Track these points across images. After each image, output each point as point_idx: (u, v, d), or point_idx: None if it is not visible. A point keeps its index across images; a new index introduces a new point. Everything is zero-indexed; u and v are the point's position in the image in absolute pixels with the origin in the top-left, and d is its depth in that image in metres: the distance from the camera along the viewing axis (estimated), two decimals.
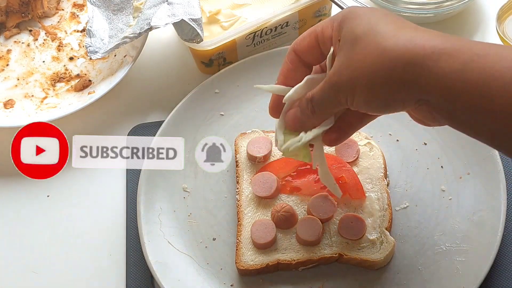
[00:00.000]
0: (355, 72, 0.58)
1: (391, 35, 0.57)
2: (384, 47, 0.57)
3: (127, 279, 0.79)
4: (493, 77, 0.53)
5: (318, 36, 0.65)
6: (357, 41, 0.59)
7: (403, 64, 0.56)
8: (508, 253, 0.76)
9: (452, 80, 0.54)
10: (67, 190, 0.88)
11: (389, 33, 0.57)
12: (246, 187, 0.81)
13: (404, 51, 0.56)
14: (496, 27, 0.90)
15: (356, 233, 0.76)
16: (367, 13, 0.61)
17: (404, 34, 0.57)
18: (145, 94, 0.95)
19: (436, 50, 0.55)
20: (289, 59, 0.68)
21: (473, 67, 0.54)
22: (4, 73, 0.97)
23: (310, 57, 0.67)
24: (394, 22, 0.59)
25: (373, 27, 0.58)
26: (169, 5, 0.87)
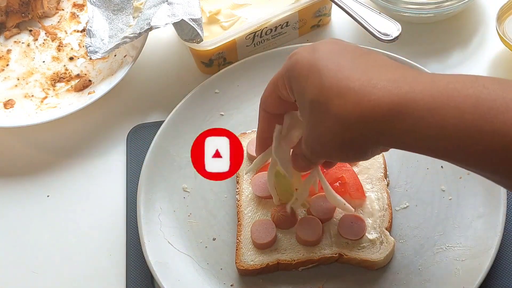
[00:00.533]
0: (324, 145, 0.60)
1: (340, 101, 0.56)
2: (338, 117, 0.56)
3: (127, 279, 0.79)
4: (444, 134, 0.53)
5: (278, 94, 0.66)
6: (312, 110, 0.59)
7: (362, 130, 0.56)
8: (508, 253, 0.76)
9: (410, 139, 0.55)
10: (67, 190, 0.88)
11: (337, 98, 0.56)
12: (246, 187, 0.81)
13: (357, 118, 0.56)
14: (496, 27, 0.90)
15: (356, 233, 0.76)
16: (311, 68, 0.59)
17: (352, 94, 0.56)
18: (145, 94, 0.95)
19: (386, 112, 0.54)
20: (262, 118, 0.71)
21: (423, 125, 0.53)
22: (4, 73, 0.97)
23: (280, 110, 0.69)
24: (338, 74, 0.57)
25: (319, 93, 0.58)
26: (169, 5, 0.87)
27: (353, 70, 0.57)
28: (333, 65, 0.58)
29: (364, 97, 0.55)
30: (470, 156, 0.53)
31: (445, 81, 0.54)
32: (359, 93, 0.55)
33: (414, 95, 0.54)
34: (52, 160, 0.90)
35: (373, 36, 0.86)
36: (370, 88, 0.55)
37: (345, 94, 0.56)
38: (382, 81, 0.56)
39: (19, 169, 0.90)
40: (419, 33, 0.95)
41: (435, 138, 0.53)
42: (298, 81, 0.60)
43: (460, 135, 0.52)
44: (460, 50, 0.95)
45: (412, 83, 0.55)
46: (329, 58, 0.59)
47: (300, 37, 0.96)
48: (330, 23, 0.98)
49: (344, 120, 0.56)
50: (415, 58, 0.89)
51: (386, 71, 0.57)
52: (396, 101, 0.54)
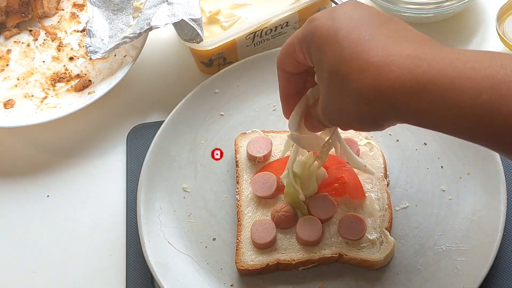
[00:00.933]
0: (342, 114, 0.59)
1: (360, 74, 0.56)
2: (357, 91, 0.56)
3: (127, 279, 0.79)
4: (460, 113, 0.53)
5: (295, 57, 0.65)
6: (331, 81, 0.59)
7: (381, 106, 0.56)
8: (508, 253, 0.76)
9: (426, 119, 0.55)
10: (67, 190, 0.88)
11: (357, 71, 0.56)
12: (246, 187, 0.81)
13: (375, 94, 0.55)
14: (496, 27, 0.90)
15: (356, 233, 0.76)
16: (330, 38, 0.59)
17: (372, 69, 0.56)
18: (145, 94, 0.95)
19: (406, 90, 0.54)
20: (281, 76, 0.70)
21: (441, 105, 0.53)
22: (4, 73, 0.97)
23: (298, 70, 0.68)
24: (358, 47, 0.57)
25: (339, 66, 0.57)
26: (169, 5, 0.87)
27: (373, 43, 0.57)
28: (353, 36, 0.58)
29: (382, 74, 0.55)
30: (486, 136, 0.54)
31: (463, 59, 0.54)
32: (378, 69, 0.55)
33: (432, 75, 0.54)
34: (52, 160, 0.90)
35: None
36: (389, 64, 0.55)
37: (364, 69, 0.56)
38: (401, 57, 0.55)
39: (19, 169, 0.90)
40: None
41: (451, 118, 0.54)
42: (317, 50, 0.60)
43: (476, 116, 0.52)
44: None
45: (431, 61, 0.54)
46: (349, 28, 0.58)
47: None
48: None
49: (363, 95, 0.56)
50: None
51: (406, 45, 0.57)
52: (414, 80, 0.54)
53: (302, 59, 0.64)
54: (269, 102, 0.89)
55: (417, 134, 0.84)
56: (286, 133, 0.84)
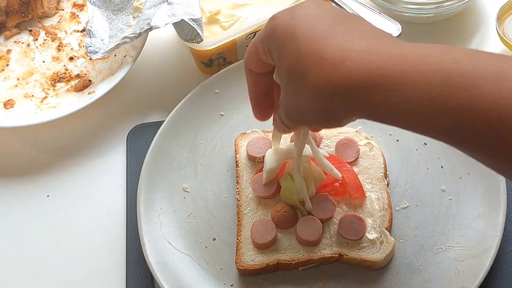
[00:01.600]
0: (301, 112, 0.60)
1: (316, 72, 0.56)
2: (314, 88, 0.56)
3: (127, 279, 0.79)
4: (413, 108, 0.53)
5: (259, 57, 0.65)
6: (290, 79, 0.59)
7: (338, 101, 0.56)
8: (508, 253, 0.76)
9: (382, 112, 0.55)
10: (67, 190, 0.88)
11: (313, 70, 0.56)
12: (246, 187, 0.81)
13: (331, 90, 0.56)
14: (496, 27, 0.90)
15: (356, 233, 0.76)
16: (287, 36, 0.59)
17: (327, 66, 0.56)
18: (145, 94, 0.95)
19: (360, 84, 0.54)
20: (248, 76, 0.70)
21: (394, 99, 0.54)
22: (4, 73, 0.97)
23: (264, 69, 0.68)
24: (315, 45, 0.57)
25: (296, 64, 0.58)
26: (169, 5, 0.87)
27: (330, 40, 0.57)
28: (311, 33, 0.58)
29: (337, 69, 0.55)
30: (439, 131, 0.54)
31: (417, 54, 0.54)
32: (333, 65, 0.56)
33: (385, 70, 0.54)
34: (52, 160, 0.90)
35: None
36: (344, 60, 0.55)
37: (320, 65, 0.56)
38: (356, 52, 0.55)
39: (19, 169, 0.90)
40: (419, 33, 0.95)
41: (405, 112, 0.54)
42: (276, 48, 0.60)
43: (429, 110, 0.52)
44: None
45: (384, 56, 0.55)
46: (307, 25, 0.59)
47: None
48: None
49: (320, 91, 0.56)
50: None
51: (362, 41, 0.57)
52: (368, 75, 0.54)
53: (264, 58, 0.64)
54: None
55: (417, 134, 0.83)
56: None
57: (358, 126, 0.83)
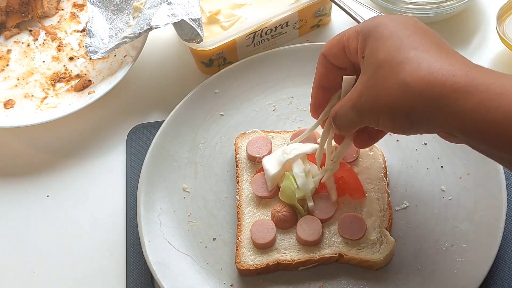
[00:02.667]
0: (378, 101, 0.60)
1: (413, 66, 0.58)
2: (405, 81, 0.58)
3: (127, 279, 0.79)
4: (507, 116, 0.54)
5: (345, 45, 0.66)
6: (380, 69, 0.60)
7: (423, 101, 0.57)
8: (508, 253, 0.76)
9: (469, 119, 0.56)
10: (67, 190, 0.88)
11: (411, 64, 0.58)
12: (246, 187, 0.81)
13: (424, 87, 0.57)
14: (496, 27, 0.90)
15: (356, 233, 0.76)
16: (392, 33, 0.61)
17: (426, 64, 0.58)
18: (145, 94, 0.95)
19: (456, 88, 0.56)
20: (321, 64, 0.70)
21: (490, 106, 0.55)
22: (4, 73, 0.97)
23: (340, 62, 0.69)
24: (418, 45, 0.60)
25: (395, 54, 0.59)
26: (169, 5, 0.87)
27: (434, 47, 0.59)
28: (415, 36, 0.60)
29: (438, 70, 0.57)
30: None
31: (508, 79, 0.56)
32: (435, 66, 0.57)
33: (487, 79, 0.56)
34: (52, 160, 0.90)
35: None
36: (447, 65, 0.57)
37: (421, 62, 0.58)
38: (459, 62, 0.58)
39: (19, 169, 0.90)
40: None
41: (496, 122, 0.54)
42: (375, 40, 0.62)
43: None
44: (460, 50, 0.93)
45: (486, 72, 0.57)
46: (412, 32, 0.61)
47: (300, 37, 0.96)
48: (330, 23, 0.98)
49: (411, 86, 0.57)
50: None
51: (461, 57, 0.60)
52: (468, 81, 0.56)
53: (353, 46, 0.65)
54: (269, 102, 0.89)
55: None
56: (286, 133, 0.84)
57: None
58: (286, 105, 0.88)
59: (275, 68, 0.90)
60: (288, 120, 0.87)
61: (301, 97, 0.88)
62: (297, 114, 0.87)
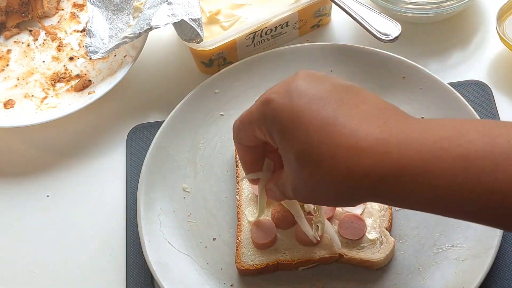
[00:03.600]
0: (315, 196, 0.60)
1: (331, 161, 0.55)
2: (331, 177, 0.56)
3: (127, 279, 0.79)
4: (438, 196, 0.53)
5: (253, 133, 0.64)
6: (301, 164, 0.57)
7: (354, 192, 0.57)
8: (508, 253, 0.76)
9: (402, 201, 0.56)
10: (67, 190, 0.88)
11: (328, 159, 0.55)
12: (246, 187, 0.81)
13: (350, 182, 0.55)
14: (496, 27, 0.90)
15: (356, 233, 0.76)
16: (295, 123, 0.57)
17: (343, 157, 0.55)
18: (145, 94, 0.95)
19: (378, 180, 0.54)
20: (239, 148, 0.69)
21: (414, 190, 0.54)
22: (4, 73, 0.97)
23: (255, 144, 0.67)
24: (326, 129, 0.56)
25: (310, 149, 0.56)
26: (169, 5, 0.87)
27: (339, 127, 0.56)
28: (318, 118, 0.56)
29: (355, 162, 0.54)
30: (466, 215, 0.54)
31: (432, 139, 0.53)
32: (349, 157, 0.55)
33: (404, 162, 0.53)
34: (52, 160, 0.90)
35: (373, 36, 0.86)
36: (360, 152, 0.54)
37: (335, 155, 0.55)
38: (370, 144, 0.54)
39: (19, 169, 0.90)
40: (419, 33, 0.95)
41: (428, 201, 0.54)
42: (279, 132, 0.59)
43: (453, 197, 0.52)
44: (460, 50, 0.95)
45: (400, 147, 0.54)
46: (312, 108, 0.57)
47: (300, 37, 0.96)
48: (330, 23, 0.98)
49: (338, 181, 0.56)
50: (415, 58, 0.89)
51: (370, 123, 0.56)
52: (387, 168, 0.54)
53: (261, 136, 0.63)
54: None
55: None
56: None
57: None
58: None
59: (275, 68, 0.90)
60: None
61: None
62: None
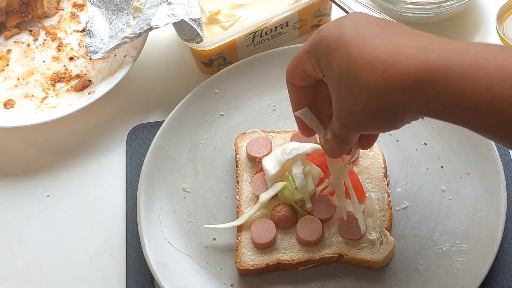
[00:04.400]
0: (355, 115, 0.60)
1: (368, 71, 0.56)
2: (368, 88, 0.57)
3: (127, 279, 0.79)
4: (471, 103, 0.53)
5: (303, 69, 0.65)
6: (341, 84, 0.59)
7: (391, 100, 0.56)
8: (508, 253, 0.76)
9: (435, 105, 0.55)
10: (67, 190, 0.88)
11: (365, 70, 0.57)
12: (246, 187, 0.81)
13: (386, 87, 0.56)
14: (496, 27, 0.90)
15: (356, 233, 0.76)
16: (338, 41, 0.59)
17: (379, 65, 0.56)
18: (145, 94, 0.95)
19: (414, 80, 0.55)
20: (290, 90, 0.70)
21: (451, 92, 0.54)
22: (4, 73, 0.97)
23: (306, 83, 0.68)
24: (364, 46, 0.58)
25: (349, 66, 0.58)
26: (169, 5, 0.87)
27: (380, 40, 0.58)
28: (359, 37, 0.59)
29: (391, 65, 0.56)
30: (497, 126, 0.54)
31: (474, 50, 0.54)
32: (386, 62, 0.56)
33: (442, 64, 0.54)
34: (52, 160, 0.90)
35: None
36: (397, 56, 0.56)
37: (372, 65, 0.56)
38: (409, 48, 0.56)
39: (19, 169, 0.90)
40: None
41: (462, 107, 0.54)
42: (326, 57, 0.60)
43: (488, 106, 0.52)
44: None
45: (440, 51, 0.55)
46: (355, 31, 0.59)
47: (300, 37, 0.96)
48: None
49: (373, 90, 0.56)
50: None
51: (413, 39, 0.57)
52: (424, 69, 0.54)
53: (310, 70, 0.64)
54: (269, 102, 0.89)
55: (417, 134, 0.84)
56: (286, 133, 0.84)
57: None
58: (286, 105, 0.88)
59: (275, 68, 0.90)
60: (288, 120, 0.87)
61: None
62: None
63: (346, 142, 0.66)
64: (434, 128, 0.83)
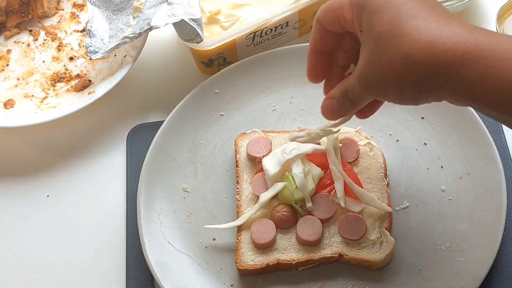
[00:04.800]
0: (383, 75, 0.59)
1: (413, 37, 0.56)
2: (407, 54, 0.56)
3: (127, 279, 0.79)
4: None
5: (339, 15, 0.65)
6: (379, 42, 0.59)
7: (427, 73, 0.56)
8: (508, 253, 0.76)
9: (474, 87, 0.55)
10: (67, 190, 0.88)
11: (410, 35, 0.57)
12: (246, 187, 0.81)
13: (428, 58, 0.56)
14: (496, 27, 0.90)
15: (356, 233, 0.76)
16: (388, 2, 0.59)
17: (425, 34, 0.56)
18: (145, 94, 0.95)
19: (459, 56, 0.55)
20: (316, 28, 0.69)
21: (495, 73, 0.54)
22: (4, 73, 0.97)
23: (334, 29, 0.67)
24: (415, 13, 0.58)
25: (393, 26, 0.58)
26: (169, 5, 0.87)
27: (432, 13, 0.58)
28: (412, 5, 0.59)
29: (439, 39, 0.56)
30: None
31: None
32: (435, 34, 0.56)
33: (489, 45, 0.55)
34: (52, 160, 0.90)
35: None
36: (447, 31, 0.56)
37: (420, 31, 0.56)
38: (459, 27, 0.56)
39: (19, 169, 0.90)
40: None
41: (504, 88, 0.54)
42: (370, 14, 0.60)
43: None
44: None
45: (487, 35, 0.56)
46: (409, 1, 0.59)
47: (300, 37, 0.96)
48: None
49: (413, 58, 0.56)
50: None
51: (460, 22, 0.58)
52: (471, 48, 0.55)
53: (348, 19, 0.63)
54: (269, 102, 0.89)
55: (417, 134, 0.84)
56: (286, 133, 0.84)
57: (358, 126, 0.83)
58: (286, 105, 0.89)
59: (275, 68, 0.90)
60: (288, 120, 0.87)
61: (301, 97, 0.88)
62: (297, 114, 0.88)
63: (355, 102, 0.65)
64: (434, 128, 0.83)
